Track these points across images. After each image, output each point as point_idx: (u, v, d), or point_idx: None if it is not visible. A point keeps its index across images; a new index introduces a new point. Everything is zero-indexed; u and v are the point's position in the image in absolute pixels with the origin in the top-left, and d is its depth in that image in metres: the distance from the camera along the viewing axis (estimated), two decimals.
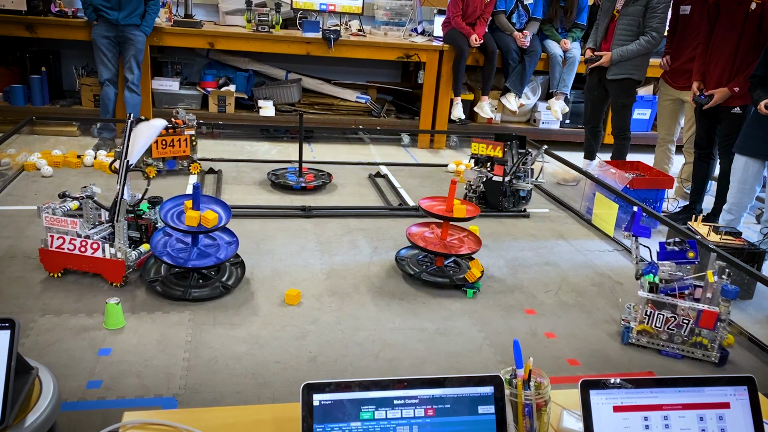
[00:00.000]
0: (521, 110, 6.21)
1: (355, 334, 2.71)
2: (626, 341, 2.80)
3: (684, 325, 2.68)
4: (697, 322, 2.65)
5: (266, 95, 6.03)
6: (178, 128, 4.41)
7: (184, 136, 4.44)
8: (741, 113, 3.97)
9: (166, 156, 4.43)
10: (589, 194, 4.45)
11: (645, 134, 6.38)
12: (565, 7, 5.96)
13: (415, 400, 1.10)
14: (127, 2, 4.83)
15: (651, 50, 4.66)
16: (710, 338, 2.67)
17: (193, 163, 4.54)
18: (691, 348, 2.71)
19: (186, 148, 4.48)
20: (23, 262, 3.08)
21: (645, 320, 2.73)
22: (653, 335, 2.75)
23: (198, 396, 2.25)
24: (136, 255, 2.94)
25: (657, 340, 2.75)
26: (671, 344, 2.73)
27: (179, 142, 4.43)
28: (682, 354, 2.73)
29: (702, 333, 2.67)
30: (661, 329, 2.72)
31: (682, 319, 2.67)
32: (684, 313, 2.67)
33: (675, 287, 2.72)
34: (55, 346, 2.44)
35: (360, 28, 6.08)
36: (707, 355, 2.69)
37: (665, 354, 2.75)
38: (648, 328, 2.74)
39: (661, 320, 2.70)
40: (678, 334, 2.71)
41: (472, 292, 3.13)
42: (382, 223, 3.97)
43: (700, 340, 2.68)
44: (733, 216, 3.83)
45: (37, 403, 1.26)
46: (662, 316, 2.70)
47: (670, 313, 2.69)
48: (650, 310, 2.71)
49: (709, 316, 2.62)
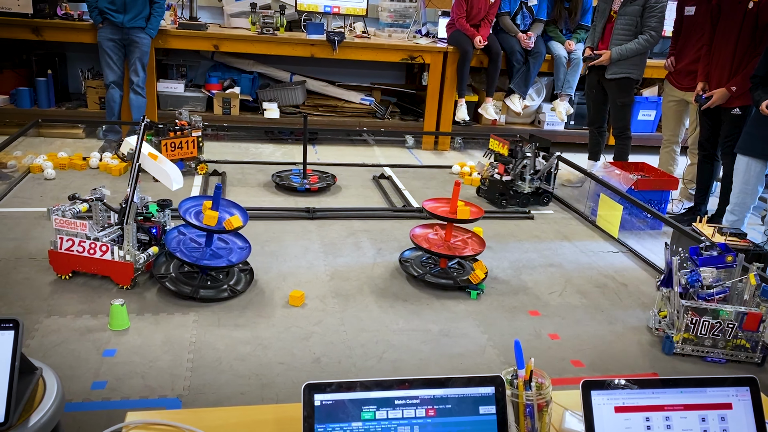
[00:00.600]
0: (525, 111, 6.21)
1: (358, 336, 2.72)
2: (670, 352, 2.74)
3: (729, 330, 2.66)
4: (741, 325, 2.65)
5: (271, 97, 6.05)
6: (186, 130, 4.45)
7: (191, 137, 4.49)
8: (741, 114, 3.97)
9: (175, 158, 4.46)
10: (594, 195, 4.44)
11: (650, 135, 6.36)
12: (569, 8, 5.95)
13: (416, 400, 1.10)
14: (132, 5, 4.85)
15: (649, 49, 4.67)
16: (750, 339, 2.67)
17: (201, 164, 4.59)
18: (734, 351, 2.70)
19: (193, 150, 4.54)
20: (29, 263, 3.09)
21: (690, 329, 2.69)
22: (697, 343, 2.71)
23: (202, 397, 2.25)
24: (144, 257, 2.95)
25: (701, 347, 2.72)
26: (715, 350, 2.71)
27: (187, 143, 4.48)
28: (726, 358, 2.71)
29: (740, 335, 2.67)
30: (706, 336, 2.69)
31: (727, 324, 2.65)
32: (729, 317, 2.65)
33: (713, 293, 2.70)
34: (61, 347, 2.46)
35: (364, 30, 6.10)
36: (750, 356, 2.70)
37: (710, 360, 2.72)
38: (691, 336, 2.70)
39: (706, 327, 2.67)
40: (721, 338, 2.69)
41: (476, 294, 3.13)
42: (386, 225, 3.98)
43: (741, 342, 2.68)
44: (736, 217, 3.82)
45: (41, 403, 1.27)
46: (707, 323, 2.66)
47: (713, 318, 2.66)
48: (693, 317, 2.67)
49: (754, 318, 2.62)
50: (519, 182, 4.38)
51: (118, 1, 4.81)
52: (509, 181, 4.34)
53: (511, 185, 4.34)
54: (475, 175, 5.03)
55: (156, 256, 3.03)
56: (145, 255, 2.96)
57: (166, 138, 4.37)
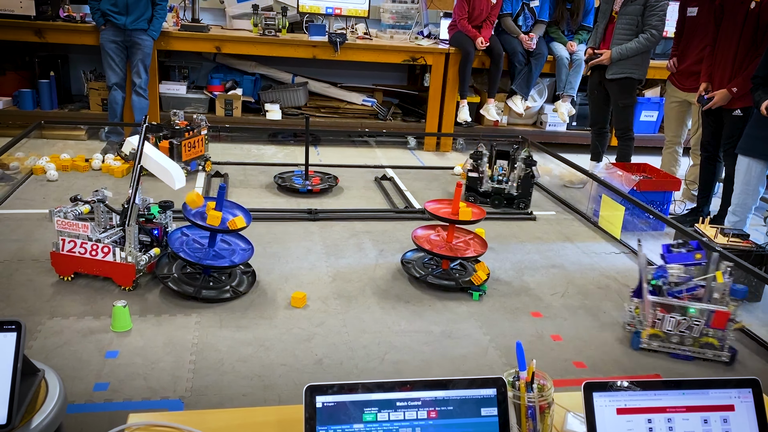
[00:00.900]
0: (528, 113, 6.21)
1: (360, 337, 2.72)
2: (637, 347, 2.78)
3: (695, 326, 2.68)
4: (708, 323, 2.65)
5: (273, 99, 6.05)
6: (195, 129, 4.49)
7: (201, 136, 4.59)
8: (742, 115, 3.96)
9: (190, 158, 4.51)
10: (596, 196, 4.44)
11: (652, 136, 6.36)
12: (571, 9, 5.95)
13: (418, 402, 1.10)
14: (134, 7, 4.86)
15: (650, 48, 4.66)
16: (719, 338, 2.66)
17: (207, 161, 4.68)
18: (702, 349, 2.71)
19: (202, 148, 4.64)
20: (32, 265, 3.10)
21: (656, 324, 2.72)
22: (664, 339, 2.74)
23: (204, 398, 2.25)
24: (146, 259, 2.96)
25: (668, 344, 2.74)
26: (682, 347, 2.73)
27: (198, 142, 4.58)
28: (693, 356, 2.72)
29: (710, 333, 2.67)
30: (673, 332, 2.71)
31: (693, 321, 2.67)
32: (696, 315, 2.66)
33: (683, 290, 2.72)
34: (63, 348, 2.46)
35: (366, 32, 6.10)
36: (717, 354, 2.70)
37: (675, 356, 2.74)
38: (658, 332, 2.74)
39: (672, 323, 2.70)
40: (689, 336, 2.70)
41: (478, 295, 3.13)
42: (388, 226, 3.98)
43: (710, 340, 2.68)
44: (738, 217, 3.81)
45: (43, 405, 1.27)
46: (673, 320, 2.69)
47: (681, 315, 2.68)
48: (660, 313, 2.70)
49: (721, 316, 2.62)
50: (485, 182, 4.45)
51: (121, 3, 4.82)
52: (476, 179, 4.43)
53: (476, 182, 4.45)
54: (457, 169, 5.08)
55: (158, 257, 3.03)
56: (146, 256, 2.96)
57: (183, 139, 4.43)
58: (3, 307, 2.71)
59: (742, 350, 2.87)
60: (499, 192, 4.42)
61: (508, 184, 4.43)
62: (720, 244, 3.32)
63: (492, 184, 4.44)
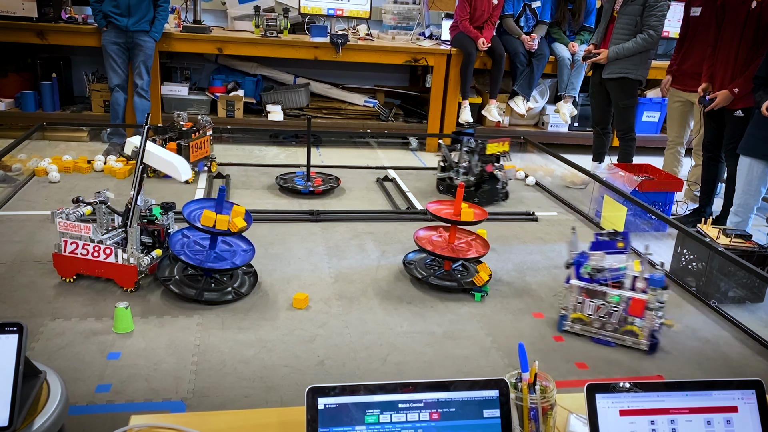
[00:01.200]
0: (529, 113, 6.20)
1: (362, 338, 2.71)
2: (561, 329, 2.86)
3: (614, 312, 2.74)
4: (626, 310, 2.71)
5: (275, 100, 6.05)
6: (200, 130, 4.52)
7: (206, 137, 4.61)
8: (744, 116, 3.95)
9: (197, 159, 4.53)
10: (598, 197, 4.44)
11: (654, 137, 6.35)
12: (572, 10, 5.95)
13: (420, 403, 1.10)
14: (136, 8, 4.87)
15: (648, 49, 4.65)
16: (641, 326, 2.72)
17: (212, 162, 4.71)
18: (622, 335, 2.77)
19: (207, 148, 4.66)
20: (34, 266, 3.10)
21: (577, 308, 2.80)
22: (587, 323, 2.81)
23: (206, 400, 2.25)
24: (148, 260, 2.96)
25: (590, 328, 2.82)
26: (603, 332, 2.80)
27: (204, 143, 4.60)
28: (615, 342, 2.78)
29: (635, 322, 2.72)
30: (594, 317, 2.78)
31: (611, 307, 2.73)
32: (614, 302, 2.73)
33: (607, 277, 2.78)
34: (65, 350, 2.46)
35: (368, 33, 6.10)
36: (637, 342, 2.75)
37: (597, 341, 2.80)
38: (582, 316, 2.81)
39: (592, 308, 2.77)
40: (609, 322, 2.77)
41: (480, 296, 3.12)
42: (389, 227, 3.98)
43: (631, 328, 2.74)
44: (740, 218, 3.81)
45: (45, 406, 1.27)
46: (593, 304, 2.77)
47: (601, 301, 2.75)
48: (582, 298, 2.78)
49: (638, 304, 2.68)
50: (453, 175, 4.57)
51: (123, 5, 4.83)
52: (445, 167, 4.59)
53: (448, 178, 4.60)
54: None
55: (160, 259, 3.03)
56: (148, 258, 2.96)
57: (191, 140, 4.44)
58: (5, 309, 2.71)
59: (744, 351, 2.87)
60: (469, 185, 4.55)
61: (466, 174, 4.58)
62: (722, 245, 3.31)
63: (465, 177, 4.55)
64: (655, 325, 2.73)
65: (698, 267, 3.42)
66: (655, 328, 2.74)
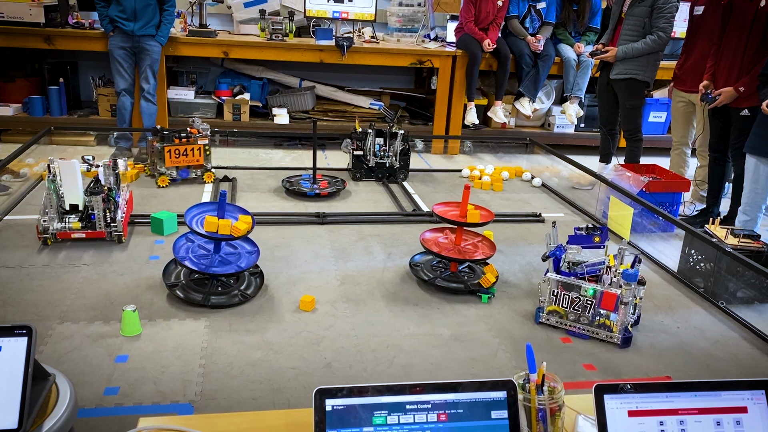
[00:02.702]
0: (535, 114, 6.19)
1: (369, 340, 2.71)
2: (537, 321, 2.92)
3: (588, 306, 2.78)
4: (599, 303, 2.75)
5: (280, 103, 6.07)
6: (192, 137, 4.45)
7: (197, 145, 4.48)
8: (750, 115, 3.94)
9: (179, 165, 4.47)
10: (604, 198, 4.42)
11: (660, 137, 6.33)
12: (578, 10, 5.94)
13: (428, 405, 1.10)
14: (142, 13, 4.89)
15: (657, 50, 4.62)
16: (615, 321, 2.76)
17: (207, 172, 4.58)
18: (596, 329, 2.80)
19: (200, 158, 4.52)
20: (41, 270, 3.12)
21: (553, 300, 2.85)
22: (562, 315, 2.86)
23: (214, 402, 2.26)
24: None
25: (565, 320, 2.86)
26: (578, 324, 2.83)
27: (192, 151, 4.48)
28: (589, 335, 2.82)
29: (610, 316, 2.76)
30: (569, 310, 2.83)
31: (586, 300, 2.77)
32: (588, 295, 2.77)
33: (585, 271, 2.82)
34: (73, 353, 2.47)
35: (373, 35, 6.11)
36: (610, 336, 2.79)
37: (572, 334, 2.85)
38: (558, 309, 2.85)
39: (567, 300, 2.82)
40: (584, 315, 2.80)
41: (487, 298, 3.12)
42: (396, 229, 3.97)
43: (605, 321, 2.78)
44: (748, 217, 3.79)
45: (54, 409, 1.27)
46: (568, 297, 2.81)
47: (576, 294, 2.79)
48: (558, 290, 2.82)
49: (609, 298, 2.72)
50: (369, 157, 4.83)
51: (129, 10, 4.85)
52: (361, 156, 4.83)
53: (362, 160, 4.85)
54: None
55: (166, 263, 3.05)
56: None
57: (170, 144, 4.39)
58: (14, 313, 2.73)
59: (753, 352, 2.85)
60: (381, 166, 4.88)
61: (389, 158, 4.86)
62: (731, 245, 3.30)
63: (376, 160, 4.86)
64: (628, 319, 2.78)
65: (706, 267, 3.41)
66: (628, 323, 2.79)
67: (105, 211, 3.41)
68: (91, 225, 3.42)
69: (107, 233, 3.45)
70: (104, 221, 3.42)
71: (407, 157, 4.93)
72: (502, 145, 6.32)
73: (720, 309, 3.21)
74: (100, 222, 3.42)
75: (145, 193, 4.29)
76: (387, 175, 4.90)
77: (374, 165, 4.87)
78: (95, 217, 3.41)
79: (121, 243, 3.48)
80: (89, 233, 3.42)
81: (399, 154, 4.87)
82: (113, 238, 3.47)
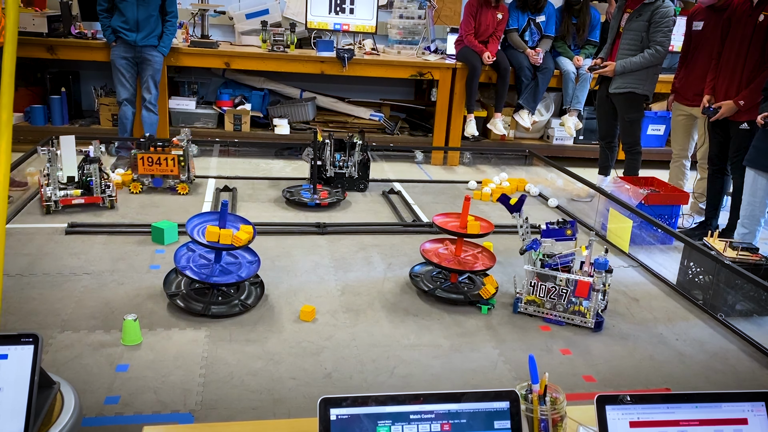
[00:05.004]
0: (535, 127, 6.22)
1: (369, 351, 2.72)
2: (516, 311, 3.11)
3: (563, 294, 2.99)
4: (573, 291, 2.96)
5: (281, 114, 6.10)
6: (167, 147, 4.40)
7: (171, 155, 4.40)
8: (749, 129, 3.97)
9: (153, 173, 4.46)
10: (603, 210, 4.44)
11: (659, 150, 6.36)
12: (577, 24, 5.99)
13: (431, 415, 1.11)
14: (145, 24, 4.93)
15: (655, 64, 4.65)
16: (588, 307, 2.98)
17: (181, 183, 4.48)
18: (571, 315, 3.01)
19: (174, 168, 4.45)
20: (43, 278, 3.12)
21: (531, 291, 3.04)
22: (539, 304, 3.06)
23: (214, 412, 2.26)
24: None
25: (542, 309, 3.06)
26: (554, 312, 3.04)
27: (166, 161, 4.43)
28: (564, 321, 3.03)
29: (582, 303, 2.98)
30: (545, 298, 3.03)
31: (561, 289, 2.98)
32: (562, 284, 2.98)
33: (558, 262, 3.03)
34: (74, 362, 2.47)
35: (374, 47, 6.15)
36: (584, 321, 3.00)
37: (548, 321, 3.04)
38: (535, 298, 3.06)
39: (543, 290, 3.02)
40: (559, 302, 3.01)
41: (487, 309, 3.12)
42: (396, 240, 3.99)
43: (579, 308, 3.00)
44: (747, 229, 3.81)
45: (59, 417, 1.28)
46: (545, 287, 3.01)
47: (552, 284, 2.99)
48: (535, 281, 3.02)
49: (583, 285, 2.94)
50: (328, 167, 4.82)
51: (131, 20, 4.89)
52: (319, 166, 4.74)
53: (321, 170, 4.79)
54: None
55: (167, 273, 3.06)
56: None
57: (143, 152, 4.37)
58: (14, 321, 2.73)
59: (752, 365, 2.86)
60: (341, 176, 4.88)
61: (348, 169, 4.85)
62: (729, 258, 3.31)
63: (335, 170, 4.86)
64: (600, 305, 3.00)
65: (705, 280, 3.42)
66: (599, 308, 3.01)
67: (100, 179, 3.96)
68: (89, 191, 3.99)
69: (102, 198, 4.02)
70: (99, 188, 4.01)
71: (366, 167, 4.91)
72: (501, 156, 6.35)
73: (719, 321, 3.22)
74: (97, 188, 3.98)
75: (146, 202, 4.30)
76: (345, 185, 4.86)
77: (333, 175, 4.85)
78: (93, 183, 3.97)
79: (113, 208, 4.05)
80: (87, 198, 4.00)
81: (358, 164, 4.85)
82: (106, 204, 4.04)
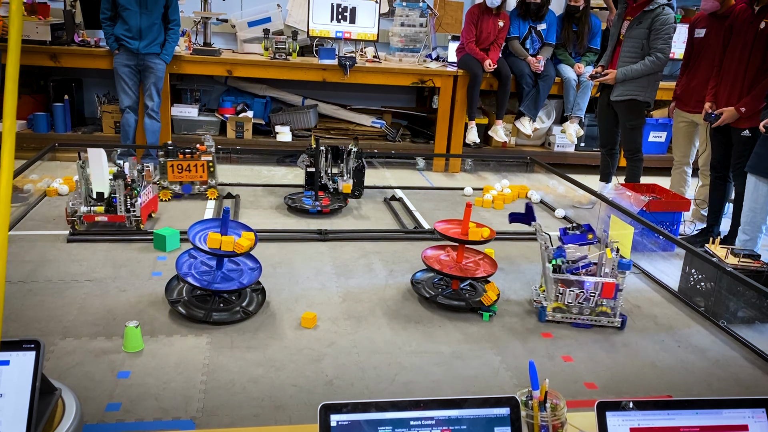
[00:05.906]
0: (536, 134, 6.24)
1: (371, 358, 2.72)
2: (543, 319, 3.10)
3: (591, 297, 3.04)
4: (599, 293, 3.02)
5: (283, 121, 6.11)
6: (196, 153, 4.49)
7: (200, 161, 4.52)
8: (751, 136, 3.97)
9: (183, 180, 4.51)
10: (605, 217, 4.44)
11: (661, 157, 6.37)
12: (578, 32, 6.01)
13: (432, 421, 1.11)
14: (147, 32, 4.95)
15: (656, 71, 4.66)
16: (611, 306, 3.06)
17: (210, 189, 4.60)
18: (598, 317, 3.07)
19: (203, 174, 4.55)
20: (45, 285, 3.13)
21: (558, 298, 3.06)
22: (565, 310, 3.08)
23: (215, 419, 2.26)
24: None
25: (569, 314, 3.09)
26: (581, 316, 3.08)
27: (195, 167, 4.51)
28: (591, 324, 3.08)
29: (604, 303, 3.05)
30: (573, 304, 3.06)
31: (588, 292, 3.03)
32: (591, 288, 3.03)
33: (579, 266, 3.08)
34: (76, 368, 2.47)
35: (375, 55, 6.17)
36: (611, 321, 3.08)
37: (576, 326, 3.08)
38: (561, 305, 3.07)
39: (572, 296, 3.05)
40: (586, 306, 3.06)
41: (489, 316, 3.12)
42: (397, 247, 3.99)
43: (604, 309, 3.06)
44: (748, 236, 3.81)
45: (60, 423, 1.28)
46: (572, 293, 3.04)
47: (578, 289, 3.03)
48: (561, 288, 3.04)
49: (609, 287, 3.01)
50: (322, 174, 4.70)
51: (134, 28, 4.92)
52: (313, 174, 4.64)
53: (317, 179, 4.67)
54: None
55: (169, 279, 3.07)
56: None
57: (173, 159, 4.42)
58: (16, 328, 2.74)
59: (754, 372, 2.85)
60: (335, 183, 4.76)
61: (344, 177, 4.72)
62: (731, 265, 3.31)
63: (327, 178, 4.75)
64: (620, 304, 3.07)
65: (707, 287, 3.42)
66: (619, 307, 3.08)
67: (126, 197, 3.74)
68: (113, 209, 3.77)
69: (127, 218, 3.78)
70: (125, 206, 3.76)
71: (361, 174, 4.85)
72: (502, 163, 6.36)
73: (721, 328, 3.22)
74: (121, 206, 3.75)
75: None
76: (339, 191, 4.74)
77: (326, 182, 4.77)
78: (117, 201, 3.75)
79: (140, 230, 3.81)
80: (111, 216, 3.77)
81: (353, 171, 4.78)
82: (132, 224, 3.80)
